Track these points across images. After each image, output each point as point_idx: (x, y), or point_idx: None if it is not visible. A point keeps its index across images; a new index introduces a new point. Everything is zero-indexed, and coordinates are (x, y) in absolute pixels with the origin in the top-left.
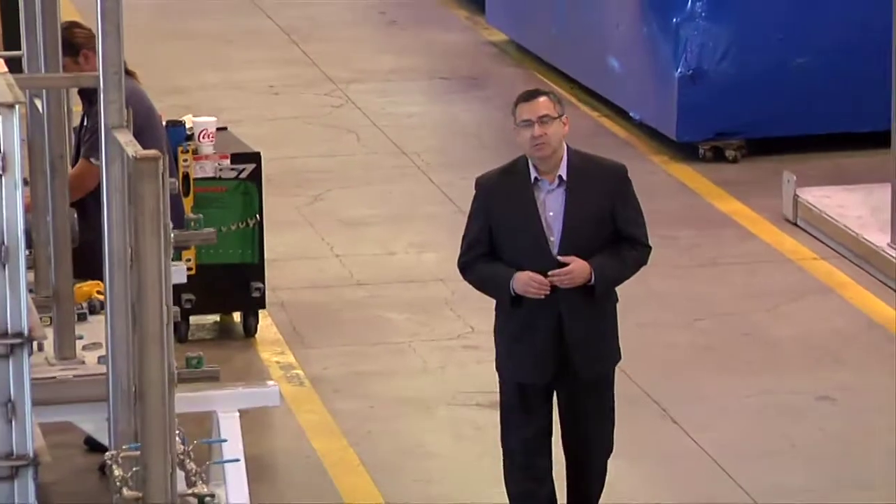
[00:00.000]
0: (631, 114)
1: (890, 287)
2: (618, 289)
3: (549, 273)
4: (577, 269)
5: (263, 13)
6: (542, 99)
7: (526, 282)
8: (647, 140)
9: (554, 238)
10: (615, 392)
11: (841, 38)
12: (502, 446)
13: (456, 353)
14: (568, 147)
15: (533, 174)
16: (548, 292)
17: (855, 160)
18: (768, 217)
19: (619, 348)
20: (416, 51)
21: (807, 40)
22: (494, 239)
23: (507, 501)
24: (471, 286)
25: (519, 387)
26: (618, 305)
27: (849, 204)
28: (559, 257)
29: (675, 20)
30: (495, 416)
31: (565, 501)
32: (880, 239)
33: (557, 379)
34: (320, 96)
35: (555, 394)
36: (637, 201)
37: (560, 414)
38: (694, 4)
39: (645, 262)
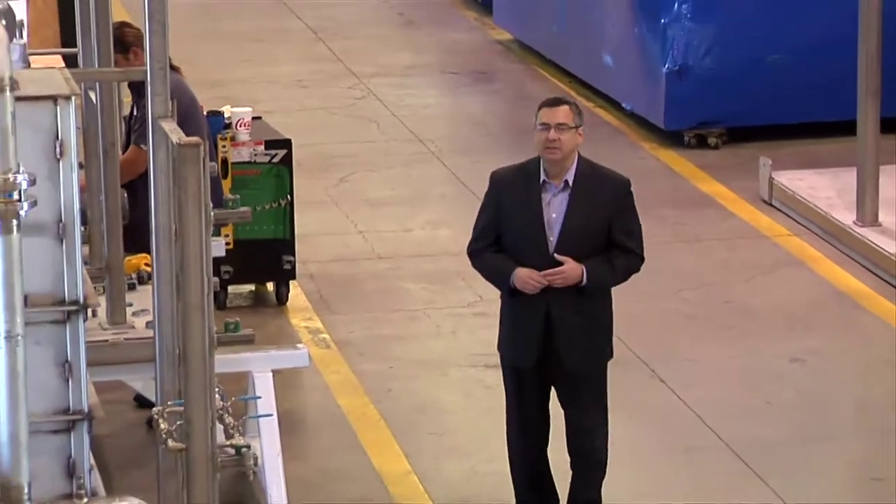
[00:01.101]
0: (623, 104)
1: (855, 260)
2: None
3: (544, 272)
4: (569, 269)
5: (293, 14)
6: (563, 108)
7: (524, 279)
8: (637, 128)
9: (552, 238)
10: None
11: (811, 37)
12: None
13: (466, 320)
14: (580, 155)
15: (542, 176)
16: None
17: (824, 147)
18: (746, 197)
19: (609, 347)
20: (430, 48)
21: (781, 39)
22: (500, 230)
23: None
24: (486, 292)
25: (513, 370)
26: (612, 306)
27: (819, 186)
28: (556, 256)
29: (663, 21)
30: (501, 377)
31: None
32: (846, 217)
33: (544, 366)
34: (344, 89)
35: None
36: (636, 214)
37: (560, 402)
38: (680, 7)
39: (636, 270)
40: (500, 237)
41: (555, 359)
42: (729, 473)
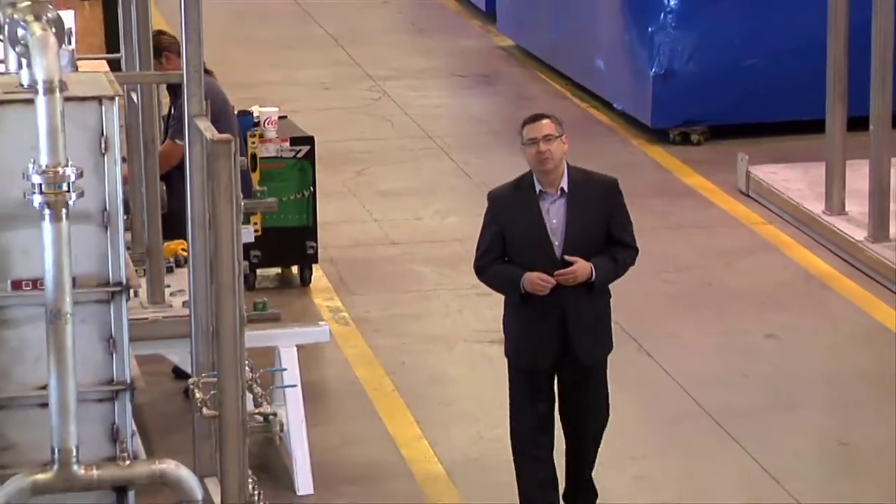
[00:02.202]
0: (614, 105)
1: (823, 246)
2: None
3: (556, 273)
4: (580, 268)
5: (315, 22)
6: (546, 121)
7: (534, 281)
8: (627, 126)
9: (557, 242)
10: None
11: (785, 44)
12: (510, 428)
13: (472, 300)
14: (568, 164)
15: (538, 187)
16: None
17: (796, 143)
18: (725, 189)
19: (611, 339)
20: (440, 54)
21: (757, 45)
22: (506, 244)
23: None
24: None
25: (526, 372)
26: (611, 301)
27: (791, 179)
28: (566, 257)
29: (650, 29)
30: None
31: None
32: (816, 207)
33: (560, 365)
34: (362, 91)
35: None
36: (627, 210)
37: (560, 394)
38: (666, 17)
39: (633, 263)
40: (506, 251)
41: (571, 357)
42: (709, 438)
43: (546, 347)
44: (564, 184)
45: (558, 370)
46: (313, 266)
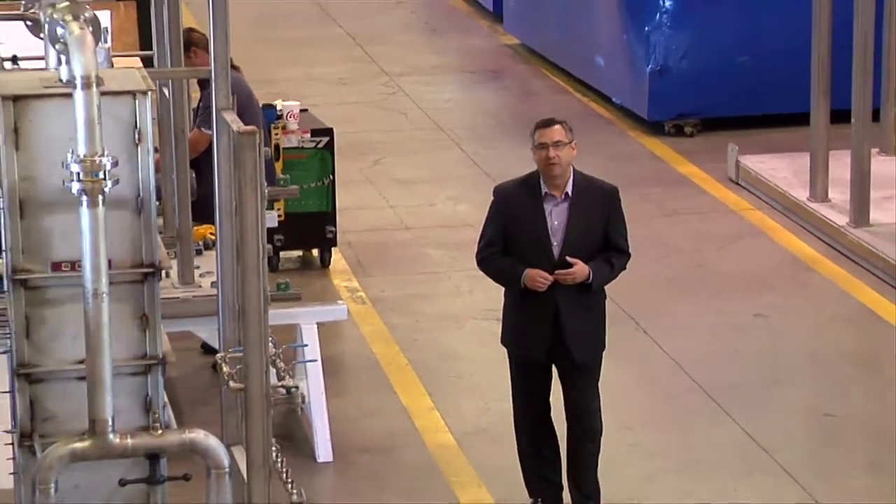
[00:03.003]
0: (613, 99)
1: (808, 231)
2: None
3: (556, 272)
4: (578, 269)
5: (335, 22)
6: (557, 127)
7: (534, 277)
8: (625, 119)
9: (556, 243)
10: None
11: (773, 43)
12: (513, 411)
13: (480, 281)
14: (574, 169)
15: (544, 189)
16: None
17: (783, 135)
18: (716, 178)
19: (604, 338)
20: (451, 52)
21: (747, 44)
22: (507, 238)
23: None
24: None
25: (522, 363)
26: (606, 302)
27: (778, 168)
28: (567, 258)
29: (646, 28)
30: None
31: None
32: (801, 195)
33: (552, 357)
34: (378, 86)
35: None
36: (624, 216)
37: (562, 387)
38: (661, 17)
39: (625, 268)
40: (507, 244)
41: (563, 351)
42: (702, 411)
43: (539, 340)
44: (569, 188)
45: (553, 363)
46: (332, 249)
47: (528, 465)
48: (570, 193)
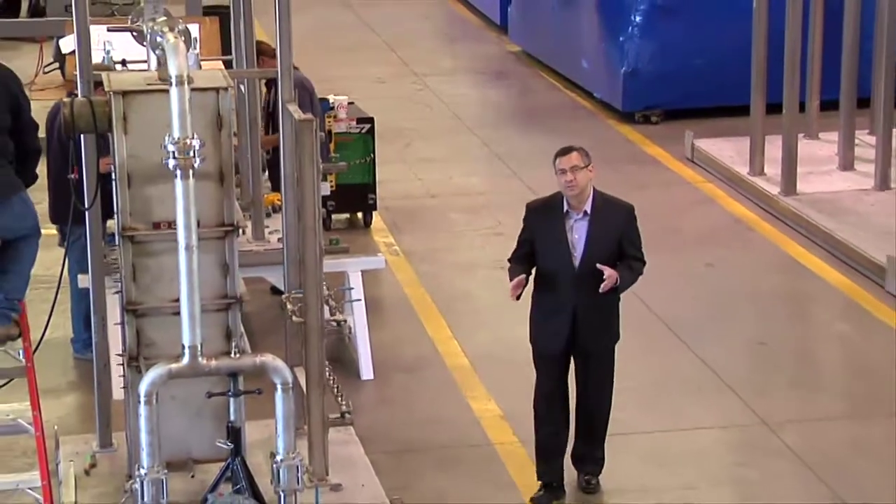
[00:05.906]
0: (594, 94)
1: (749, 198)
2: None
3: (605, 277)
4: (610, 275)
5: (374, 32)
6: (573, 153)
7: (512, 285)
8: (604, 110)
9: (576, 254)
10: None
11: (722, 49)
12: (533, 395)
13: (491, 238)
14: (595, 189)
15: (566, 207)
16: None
17: (729, 123)
18: (677, 157)
19: (618, 330)
20: (466, 57)
21: (700, 50)
22: (535, 248)
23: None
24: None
25: (543, 355)
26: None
27: (725, 149)
28: (598, 266)
29: (621, 38)
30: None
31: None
32: (743, 170)
33: (570, 350)
34: (408, 84)
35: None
36: (638, 230)
37: (576, 376)
38: (632, 29)
39: (642, 273)
40: (536, 254)
41: (580, 347)
42: (663, 341)
43: (558, 335)
44: (588, 206)
45: (571, 354)
46: (373, 213)
47: (542, 450)
48: (588, 211)
